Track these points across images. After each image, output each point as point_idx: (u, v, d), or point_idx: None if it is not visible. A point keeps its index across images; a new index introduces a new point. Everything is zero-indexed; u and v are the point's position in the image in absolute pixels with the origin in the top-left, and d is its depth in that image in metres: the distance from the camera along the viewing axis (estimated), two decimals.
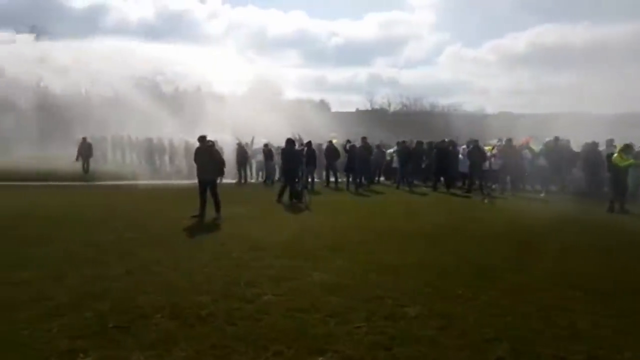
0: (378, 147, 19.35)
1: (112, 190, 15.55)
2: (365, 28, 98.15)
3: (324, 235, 8.62)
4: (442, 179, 17.43)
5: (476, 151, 16.32)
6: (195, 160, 10.52)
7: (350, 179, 16.82)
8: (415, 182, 17.72)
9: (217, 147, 13.12)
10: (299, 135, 17.11)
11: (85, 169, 19.63)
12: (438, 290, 5.41)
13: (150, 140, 23.41)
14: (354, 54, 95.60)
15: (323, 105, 79.68)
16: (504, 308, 4.90)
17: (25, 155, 26.64)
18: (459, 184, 17.91)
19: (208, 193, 10.35)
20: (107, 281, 5.57)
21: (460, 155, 17.62)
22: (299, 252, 7.20)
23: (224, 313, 4.60)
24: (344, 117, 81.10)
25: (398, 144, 18.74)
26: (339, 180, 18.05)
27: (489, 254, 7.39)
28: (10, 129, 28.99)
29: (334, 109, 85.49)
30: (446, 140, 17.82)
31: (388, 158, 20.26)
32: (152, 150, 23.32)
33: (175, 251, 7.16)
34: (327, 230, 9.16)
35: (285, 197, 12.94)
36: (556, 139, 16.34)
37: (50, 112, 29.05)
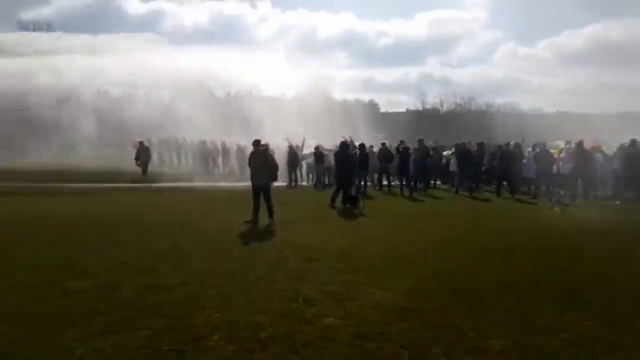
0: (434, 149, 18.51)
1: (167, 193, 15.69)
2: (416, 27, 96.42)
3: (383, 244, 8.09)
4: (504, 183, 16.39)
5: (544, 154, 15.18)
6: (249, 164, 10.31)
7: (404, 183, 16.13)
8: (477, 186, 16.75)
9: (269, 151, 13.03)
10: (350, 138, 16.68)
11: (144, 170, 20.04)
12: (521, 318, 4.77)
13: (204, 143, 23.72)
14: (404, 53, 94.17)
15: (372, 105, 78.82)
16: (603, 342, 4.21)
17: (87, 155, 27.90)
18: (524, 189, 16.76)
19: (261, 198, 10.11)
20: (161, 293, 5.36)
21: (525, 159, 16.45)
22: (358, 264, 6.73)
23: (285, 337, 4.21)
24: (393, 118, 79.95)
25: (456, 145, 17.83)
26: (392, 184, 17.41)
27: (571, 272, 6.60)
28: (73, 131, 30.42)
29: (382, 110, 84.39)
30: (511, 142, 16.69)
31: (444, 160, 19.36)
32: (205, 153, 23.60)
33: (230, 260, 6.90)
34: (386, 239, 8.63)
35: (338, 201, 12.51)
36: (633, 142, 14.87)
37: (109, 115, 30.21)
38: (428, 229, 9.68)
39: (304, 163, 19.65)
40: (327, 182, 18.48)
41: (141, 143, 20.74)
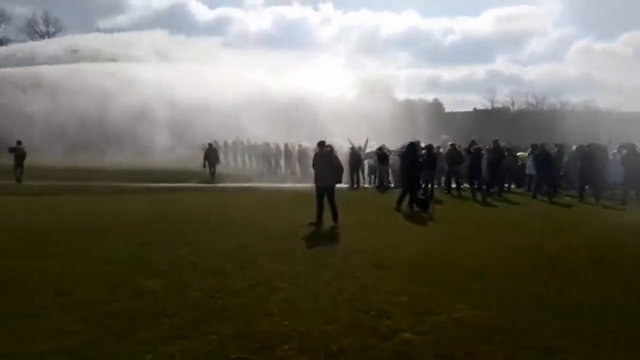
0: (508, 150, 17.43)
1: (232, 193, 15.95)
2: (484, 24, 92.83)
3: (459, 253, 7.55)
4: (586, 187, 15.08)
5: (632, 157, 13.76)
6: (314, 165, 10.12)
7: (476, 186, 15.27)
8: (556, 191, 15.53)
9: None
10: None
11: (212, 172, 20.31)
12: (628, 342, 4.14)
13: (267, 144, 24.03)
14: (471, 51, 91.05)
15: (436, 105, 76.67)
16: None
17: (159, 157, 29.16)
18: (608, 194, 15.31)
19: (325, 200, 9.88)
20: (229, 296, 5.24)
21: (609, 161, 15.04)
22: (434, 274, 6.28)
23: (358, 351, 3.91)
24: (459, 118, 77.19)
25: (533, 146, 16.66)
26: (461, 187, 16.58)
27: None
28: (147, 135, 32.02)
29: (448, 109, 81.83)
30: (593, 143, 15.34)
31: (519, 162, 18.18)
32: (268, 155, 23.90)
33: (296, 264, 6.69)
34: (461, 247, 8.07)
35: (405, 204, 12.02)
36: None
37: (179, 118, 31.47)
38: (507, 238, 8.97)
39: (365, 164, 19.26)
40: (390, 184, 17.98)
41: (210, 145, 21.09)
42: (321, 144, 9.97)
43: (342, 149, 18.25)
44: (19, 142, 18.73)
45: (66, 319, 4.46)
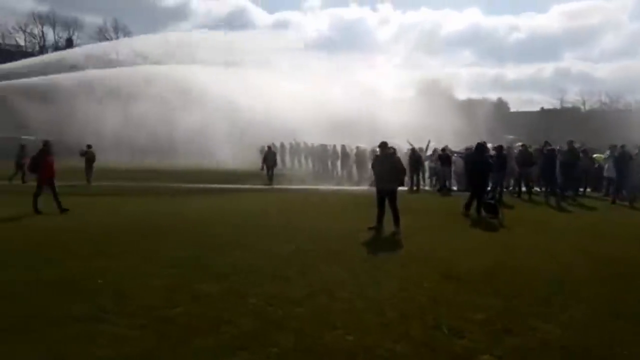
0: (584, 151, 16.11)
1: (290, 195, 15.88)
2: (552, 20, 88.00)
3: (533, 262, 6.90)
4: None
5: None
6: (374, 167, 9.73)
7: (550, 190, 14.18)
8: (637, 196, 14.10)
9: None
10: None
11: (270, 175, 20.02)
12: None
13: (324, 146, 23.87)
14: (537, 48, 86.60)
15: (501, 104, 73.43)
16: None
17: (222, 159, 29.83)
18: None
19: (386, 204, 9.46)
20: (289, 305, 4.99)
21: None
22: (508, 286, 5.71)
23: None
24: (524, 117, 73.48)
25: (612, 147, 15.29)
26: (532, 190, 15.50)
27: None
28: (211, 138, 32.96)
29: (513, 109, 78.16)
30: None
31: (595, 165, 16.77)
32: (325, 156, 23.73)
33: (357, 272, 6.34)
34: (535, 255, 7.38)
35: (473, 209, 11.32)
36: None
37: (239, 122, 32.13)
38: (586, 246, 8.13)
39: (426, 166, 18.57)
40: (452, 187, 17.19)
41: (269, 148, 20.97)
42: (383, 146, 9.56)
43: (401, 150, 17.71)
44: (89, 146, 19.77)
45: (125, 323, 4.39)
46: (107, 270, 6.12)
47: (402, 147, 18.55)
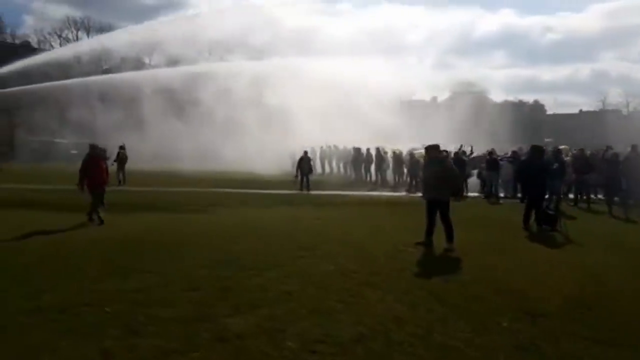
0: None
1: (325, 201, 14.78)
2: (588, 20, 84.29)
3: (631, 291, 5.59)
4: None
5: None
6: (424, 174, 8.53)
7: (614, 199, 12.60)
8: None
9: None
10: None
11: (305, 183, 18.06)
12: None
13: (357, 150, 22.70)
14: (573, 49, 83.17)
15: (537, 107, 70.64)
16: None
17: (250, 166, 29.12)
18: None
19: (437, 215, 8.26)
20: (337, 352, 3.91)
21: None
22: (615, 329, 4.45)
23: None
24: (563, 120, 70.24)
25: None
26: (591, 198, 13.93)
27: None
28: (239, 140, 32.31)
29: (549, 111, 75.25)
30: None
31: None
32: (359, 161, 22.54)
33: (414, 303, 5.17)
34: (628, 281, 6.05)
35: (533, 222, 9.97)
36: None
37: (269, 125, 31.36)
38: None
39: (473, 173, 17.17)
40: (501, 194, 15.75)
41: (305, 153, 19.14)
42: (433, 149, 8.34)
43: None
44: (122, 147, 19.28)
45: None
46: (117, 294, 5.18)
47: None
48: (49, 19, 73.69)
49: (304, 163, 18.21)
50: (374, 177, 21.80)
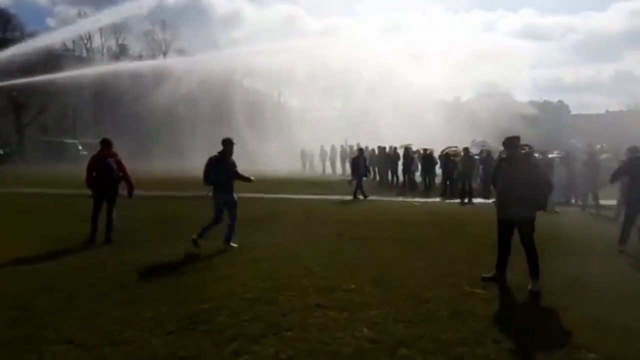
0: None
1: (353, 209, 12.08)
2: (611, 19, 79.68)
3: None
4: None
5: None
6: (497, 179, 5.71)
7: None
8: None
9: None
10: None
11: (359, 186, 14.25)
12: None
13: (382, 149, 19.90)
14: (596, 49, 78.72)
15: (562, 107, 66.79)
16: None
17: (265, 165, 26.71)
18: None
19: (513, 238, 5.50)
20: None
21: None
22: None
23: None
24: (589, 121, 66.17)
25: None
26: None
27: None
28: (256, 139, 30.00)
29: (574, 112, 71.36)
30: None
31: None
32: (386, 161, 19.71)
33: None
34: None
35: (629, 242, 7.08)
36: None
37: (286, 123, 29.11)
38: None
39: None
40: (579, 202, 12.75)
41: (361, 151, 15.20)
42: (511, 142, 5.49)
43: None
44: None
45: None
46: None
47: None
48: (57, 16, 71.59)
49: (360, 163, 14.35)
50: (400, 179, 18.94)
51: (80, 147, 25.98)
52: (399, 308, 4.50)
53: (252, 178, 7.36)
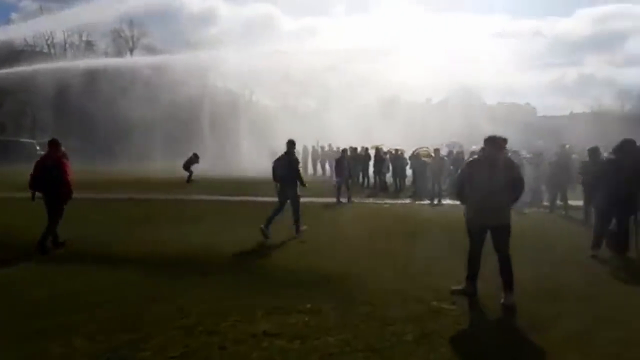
0: None
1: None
2: (576, 24, 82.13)
3: None
4: None
5: None
6: (464, 184, 5.13)
7: None
8: None
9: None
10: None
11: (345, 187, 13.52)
12: None
13: (354, 150, 19.24)
14: (561, 53, 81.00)
15: (529, 109, 68.12)
16: None
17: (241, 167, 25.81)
18: None
19: (483, 245, 4.99)
20: None
21: None
22: None
23: None
24: (554, 122, 67.78)
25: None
26: None
27: None
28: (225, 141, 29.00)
29: (540, 114, 72.90)
30: None
31: None
32: (358, 162, 19.09)
33: None
34: None
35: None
36: None
37: (258, 123, 28.24)
38: None
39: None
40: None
41: (344, 152, 14.75)
42: (495, 141, 4.96)
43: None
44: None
45: None
46: None
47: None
48: (19, 11, 68.32)
49: (342, 164, 13.67)
50: (371, 181, 18.44)
51: (38, 147, 24.48)
52: (359, 332, 3.89)
53: (306, 184, 8.43)
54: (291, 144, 8.30)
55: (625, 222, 6.63)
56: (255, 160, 25.49)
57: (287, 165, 8.05)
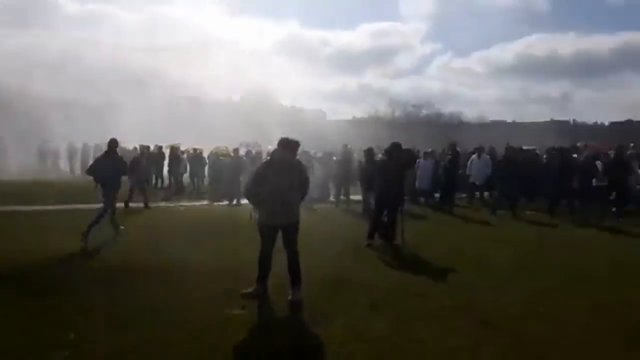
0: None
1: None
2: (358, 38, 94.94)
3: None
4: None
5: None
6: (265, 179, 4.93)
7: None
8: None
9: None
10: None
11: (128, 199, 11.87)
12: None
13: (147, 147, 17.53)
14: (345, 63, 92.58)
15: (319, 113, 74.89)
16: None
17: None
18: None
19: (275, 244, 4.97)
20: None
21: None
22: None
23: None
24: (339, 126, 76.33)
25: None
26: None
27: None
28: None
29: (329, 117, 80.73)
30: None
31: None
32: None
33: None
34: None
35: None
36: None
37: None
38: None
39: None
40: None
41: (142, 150, 14.47)
42: (285, 144, 4.99)
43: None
44: None
45: None
46: None
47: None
48: None
49: (141, 164, 12.23)
50: (166, 182, 17.13)
51: None
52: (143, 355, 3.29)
53: None
54: (113, 142, 7.84)
55: (393, 215, 7.64)
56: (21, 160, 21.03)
57: (110, 166, 7.58)
